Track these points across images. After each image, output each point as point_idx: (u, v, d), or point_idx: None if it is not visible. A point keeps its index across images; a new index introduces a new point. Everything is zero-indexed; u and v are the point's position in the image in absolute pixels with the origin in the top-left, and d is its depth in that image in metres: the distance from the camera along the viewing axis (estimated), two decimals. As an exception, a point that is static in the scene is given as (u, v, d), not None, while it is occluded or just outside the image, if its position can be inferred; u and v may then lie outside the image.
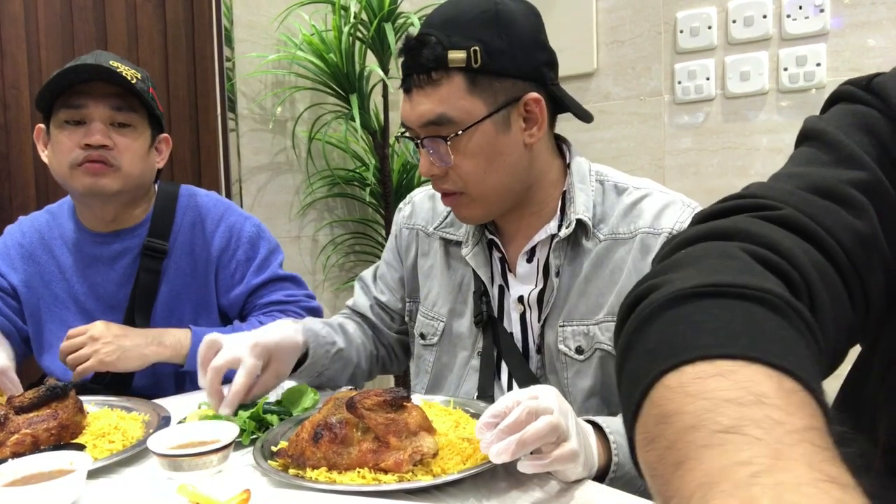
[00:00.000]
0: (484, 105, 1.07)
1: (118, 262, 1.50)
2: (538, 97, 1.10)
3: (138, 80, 1.40)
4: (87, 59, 1.38)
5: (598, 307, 1.12)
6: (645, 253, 1.11)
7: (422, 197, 1.36)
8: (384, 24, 2.55)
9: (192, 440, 0.95)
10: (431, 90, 1.07)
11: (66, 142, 1.38)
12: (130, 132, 1.42)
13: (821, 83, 2.08)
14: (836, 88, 0.71)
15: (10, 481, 0.85)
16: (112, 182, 1.40)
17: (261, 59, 2.66)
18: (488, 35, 1.06)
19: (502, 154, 1.10)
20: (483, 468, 0.86)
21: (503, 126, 1.09)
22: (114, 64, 1.38)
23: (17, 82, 2.20)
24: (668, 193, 1.16)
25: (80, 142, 1.37)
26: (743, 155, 2.25)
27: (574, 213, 1.13)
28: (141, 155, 1.44)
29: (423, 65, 1.06)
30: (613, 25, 2.48)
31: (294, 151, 2.79)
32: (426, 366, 1.29)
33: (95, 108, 1.38)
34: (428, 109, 1.08)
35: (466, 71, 1.05)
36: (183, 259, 1.51)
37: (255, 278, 1.55)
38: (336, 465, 0.89)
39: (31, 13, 2.24)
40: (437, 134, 1.08)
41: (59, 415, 1.04)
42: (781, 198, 0.61)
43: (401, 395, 0.91)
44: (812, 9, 2.06)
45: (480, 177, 1.10)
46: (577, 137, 2.73)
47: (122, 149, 1.40)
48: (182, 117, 2.51)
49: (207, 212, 1.54)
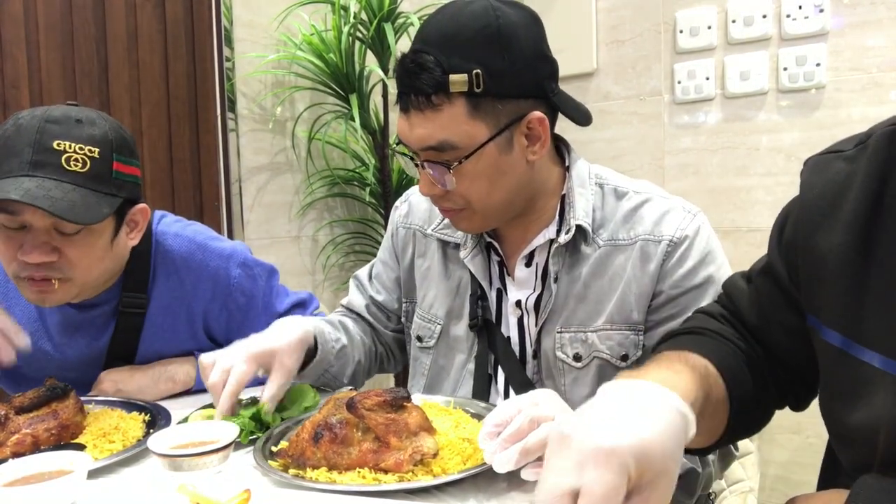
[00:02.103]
0: (486, 128, 1.03)
1: (91, 324, 1.34)
2: (542, 117, 1.05)
3: (94, 162, 1.12)
4: (25, 131, 1.10)
5: (596, 314, 1.11)
6: (644, 260, 1.09)
7: (419, 196, 1.33)
8: (384, 24, 2.55)
9: (192, 440, 0.95)
10: (432, 114, 1.02)
11: (2, 247, 1.15)
12: (82, 236, 1.15)
13: (820, 83, 2.08)
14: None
15: (10, 481, 0.85)
16: (63, 295, 1.18)
17: (260, 59, 2.66)
18: (489, 56, 1.01)
19: (505, 174, 1.07)
20: (483, 468, 0.86)
21: (506, 147, 1.06)
22: (59, 147, 1.09)
23: (16, 82, 2.20)
24: (668, 199, 1.14)
25: (16, 256, 1.12)
26: (743, 155, 2.25)
27: (574, 219, 1.11)
28: (100, 255, 1.19)
29: (422, 88, 1.01)
30: (613, 25, 2.48)
31: (294, 151, 2.79)
32: (423, 368, 1.28)
33: (33, 217, 1.10)
34: (428, 135, 1.03)
35: (468, 95, 1.01)
36: (159, 315, 1.35)
37: (259, 323, 1.36)
38: (336, 465, 0.89)
39: (31, 13, 2.23)
40: (439, 159, 1.05)
41: (59, 415, 1.04)
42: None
43: (401, 396, 0.91)
44: (812, 8, 2.07)
45: (483, 197, 1.08)
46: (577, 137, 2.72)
47: (71, 257, 1.15)
48: (182, 117, 2.51)
49: (182, 261, 1.34)
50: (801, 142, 2.14)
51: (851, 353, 0.74)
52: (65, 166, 1.10)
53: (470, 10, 1.03)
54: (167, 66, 2.48)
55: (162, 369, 1.34)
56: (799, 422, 2.08)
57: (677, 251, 1.09)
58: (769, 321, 0.88)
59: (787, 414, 0.95)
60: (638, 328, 1.10)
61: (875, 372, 0.71)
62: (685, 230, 1.10)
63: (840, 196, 0.77)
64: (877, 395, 0.70)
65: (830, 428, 0.80)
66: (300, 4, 2.66)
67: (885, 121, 0.78)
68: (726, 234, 2.24)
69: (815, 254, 0.79)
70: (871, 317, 0.72)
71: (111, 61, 2.33)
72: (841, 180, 0.78)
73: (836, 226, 0.77)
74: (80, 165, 1.11)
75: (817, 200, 0.80)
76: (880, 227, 0.73)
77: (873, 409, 0.71)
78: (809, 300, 0.81)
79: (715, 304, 0.98)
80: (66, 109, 1.16)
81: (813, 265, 0.79)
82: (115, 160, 1.16)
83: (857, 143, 0.79)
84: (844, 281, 0.75)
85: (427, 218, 1.30)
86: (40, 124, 1.11)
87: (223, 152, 2.59)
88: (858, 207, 0.75)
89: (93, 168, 1.12)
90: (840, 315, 0.76)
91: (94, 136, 1.14)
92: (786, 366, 0.88)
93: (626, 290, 1.10)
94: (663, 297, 1.09)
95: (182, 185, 2.48)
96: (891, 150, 0.75)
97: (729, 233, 2.25)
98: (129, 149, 1.21)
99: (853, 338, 0.74)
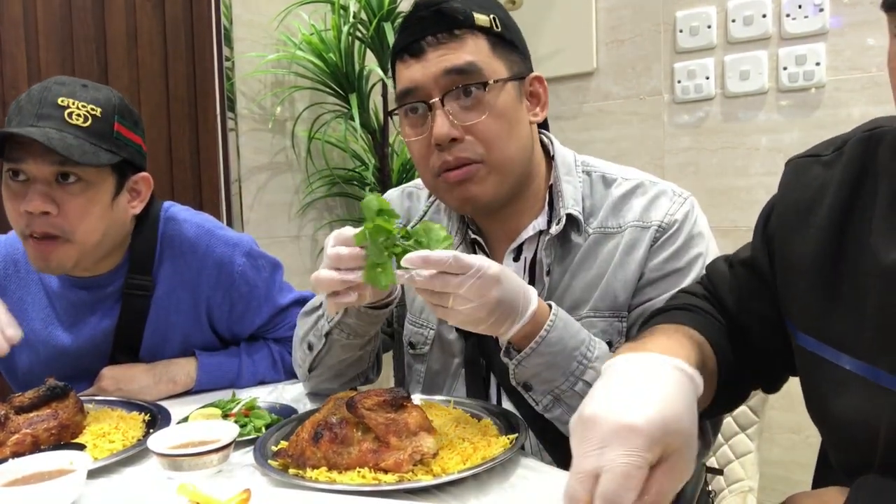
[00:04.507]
0: (505, 69, 1.06)
1: (98, 306, 1.35)
2: (541, 77, 1.12)
3: (95, 120, 1.17)
4: (32, 96, 1.17)
5: (582, 302, 1.10)
6: (631, 246, 1.09)
7: (397, 194, 1.31)
8: (384, 23, 2.55)
9: (192, 440, 0.95)
10: (455, 44, 1.04)
11: (10, 205, 1.19)
12: (81, 189, 1.17)
13: (820, 82, 2.08)
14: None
15: (10, 481, 0.86)
16: (64, 258, 1.20)
17: (260, 58, 2.66)
18: (499, 10, 1.08)
19: (520, 122, 1.08)
20: (483, 468, 0.86)
21: (518, 96, 1.09)
22: (62, 102, 1.15)
23: (16, 82, 2.20)
24: (658, 183, 1.14)
25: (20, 208, 1.16)
26: (742, 154, 2.25)
27: (563, 208, 1.10)
28: (99, 214, 1.20)
29: (445, 23, 1.04)
30: (613, 25, 2.48)
31: (294, 151, 2.79)
32: (418, 376, 1.24)
33: (35, 164, 1.14)
34: (454, 57, 1.03)
35: (489, 33, 1.05)
36: (165, 299, 1.36)
37: (260, 314, 1.42)
38: (336, 465, 0.89)
39: (31, 13, 2.23)
40: (468, 82, 1.03)
41: (59, 415, 1.04)
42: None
43: (401, 395, 0.91)
44: (811, 8, 2.06)
45: (504, 141, 1.05)
46: (577, 137, 2.74)
47: (69, 211, 1.16)
48: (182, 117, 2.51)
49: (189, 246, 1.35)
50: (800, 141, 2.14)
51: (826, 357, 0.76)
52: (66, 119, 1.15)
53: None
54: (167, 66, 2.48)
55: (163, 370, 1.34)
56: (799, 422, 2.08)
57: (665, 235, 1.08)
58: (747, 310, 0.90)
59: (787, 414, 0.96)
60: (622, 315, 1.09)
61: (848, 374, 0.73)
62: (674, 215, 1.09)
63: (815, 202, 0.79)
64: (851, 397, 0.73)
65: (818, 427, 0.82)
66: (300, 4, 2.66)
67: (861, 126, 0.80)
68: (726, 234, 2.24)
69: (790, 259, 0.81)
70: (842, 322, 0.74)
71: (111, 61, 2.33)
72: (817, 186, 0.80)
73: (810, 231, 0.79)
74: (81, 120, 1.16)
75: (794, 205, 0.82)
76: (850, 235, 0.75)
77: (848, 410, 0.73)
78: (785, 304, 0.83)
79: (697, 285, 1.00)
80: (76, 78, 1.22)
81: (788, 270, 0.82)
82: (116, 121, 1.21)
83: (835, 149, 0.81)
84: (817, 287, 0.77)
85: (406, 217, 1.27)
86: (48, 85, 1.19)
87: (223, 152, 2.59)
88: (831, 214, 0.77)
89: (94, 124, 1.17)
90: (813, 320, 0.78)
91: (97, 98, 1.20)
92: (758, 351, 0.91)
93: (611, 277, 1.09)
94: (645, 279, 1.08)
95: (182, 185, 2.48)
96: (863, 159, 0.77)
97: (729, 232, 2.25)
98: (132, 118, 1.26)
99: (826, 342, 0.76)
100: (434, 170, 1.07)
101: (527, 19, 2.59)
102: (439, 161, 1.05)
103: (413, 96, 1.06)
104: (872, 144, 0.77)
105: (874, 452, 0.71)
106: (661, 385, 0.63)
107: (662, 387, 0.62)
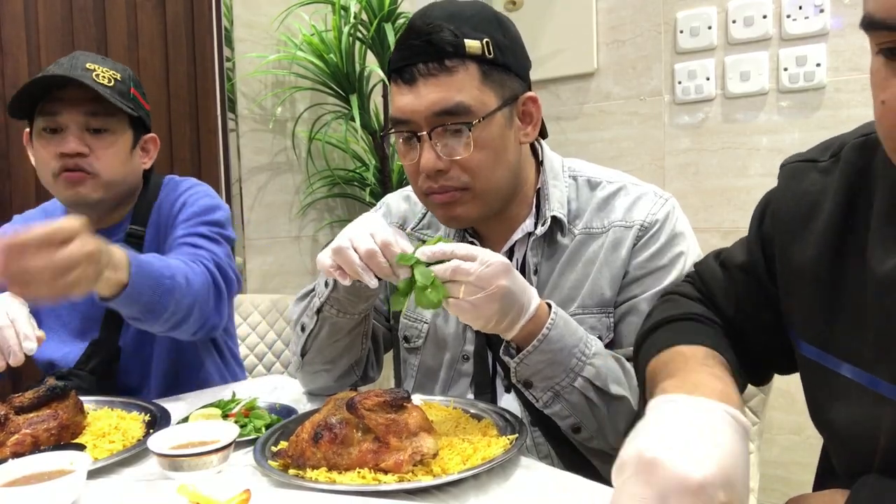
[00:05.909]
0: (495, 97, 1.07)
1: None
2: (535, 97, 1.12)
3: (117, 82, 1.38)
4: (62, 64, 1.36)
5: (570, 300, 1.13)
6: (615, 245, 1.13)
7: (396, 199, 1.34)
8: (384, 24, 2.55)
9: (192, 440, 0.95)
10: (446, 78, 1.04)
11: (43, 152, 1.37)
12: (108, 137, 1.39)
13: (821, 83, 2.08)
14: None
15: (10, 481, 0.86)
16: (91, 190, 1.38)
17: (261, 59, 2.66)
18: (493, 31, 1.07)
19: (507, 149, 1.10)
20: (483, 468, 0.86)
21: (508, 121, 1.09)
22: (90, 67, 1.35)
23: (17, 82, 2.20)
24: (640, 186, 1.18)
25: (56, 151, 1.35)
26: (743, 155, 2.25)
27: (549, 210, 1.14)
28: (122, 159, 1.42)
29: (435, 52, 1.03)
30: (613, 25, 2.48)
31: (294, 151, 2.79)
32: (412, 370, 1.28)
33: (69, 114, 1.36)
34: (443, 97, 1.04)
35: (480, 61, 1.05)
36: (152, 244, 1.48)
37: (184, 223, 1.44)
38: (336, 466, 0.89)
39: (32, 13, 2.24)
40: (456, 122, 1.04)
41: (59, 415, 1.04)
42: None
43: (401, 396, 0.91)
44: (812, 9, 2.06)
45: (490, 170, 1.08)
46: (577, 137, 2.74)
47: (99, 155, 1.38)
48: (182, 117, 2.51)
49: (176, 195, 1.50)
50: (801, 142, 2.14)
51: (827, 366, 0.77)
52: (94, 78, 1.34)
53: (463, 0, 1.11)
54: (167, 66, 2.48)
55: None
56: (799, 422, 2.08)
57: (647, 234, 1.12)
58: (746, 316, 0.91)
59: (788, 414, 0.96)
60: (609, 311, 1.13)
61: (848, 383, 0.74)
62: (656, 214, 1.13)
63: (814, 209, 0.80)
64: (851, 405, 0.74)
65: (820, 432, 0.82)
66: (300, 4, 2.66)
67: (855, 130, 0.80)
68: (726, 234, 2.24)
69: (790, 268, 0.81)
70: (842, 331, 0.75)
71: (111, 61, 2.33)
72: (815, 193, 0.80)
73: (809, 239, 0.79)
74: (106, 80, 1.36)
75: (792, 212, 0.82)
76: (848, 245, 0.76)
77: (848, 419, 0.74)
78: (787, 314, 0.83)
79: (687, 285, 1.00)
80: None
81: (788, 280, 0.82)
82: (132, 87, 1.43)
83: (832, 155, 0.81)
84: (818, 297, 0.78)
85: (405, 218, 1.31)
86: (74, 55, 1.39)
87: (223, 152, 2.59)
88: (831, 221, 0.77)
89: (117, 85, 1.38)
90: (815, 330, 0.78)
91: (116, 67, 1.42)
92: (754, 352, 0.91)
93: (597, 275, 1.12)
94: (630, 276, 1.12)
95: (182, 185, 2.48)
96: (859, 164, 0.77)
97: (729, 233, 2.25)
98: (142, 89, 1.49)
99: (827, 350, 0.77)
100: (422, 189, 1.12)
101: (527, 20, 2.59)
102: (426, 185, 1.10)
103: (404, 126, 1.09)
104: (868, 151, 0.77)
105: (873, 460, 0.71)
106: (722, 438, 0.61)
107: (723, 440, 0.61)
